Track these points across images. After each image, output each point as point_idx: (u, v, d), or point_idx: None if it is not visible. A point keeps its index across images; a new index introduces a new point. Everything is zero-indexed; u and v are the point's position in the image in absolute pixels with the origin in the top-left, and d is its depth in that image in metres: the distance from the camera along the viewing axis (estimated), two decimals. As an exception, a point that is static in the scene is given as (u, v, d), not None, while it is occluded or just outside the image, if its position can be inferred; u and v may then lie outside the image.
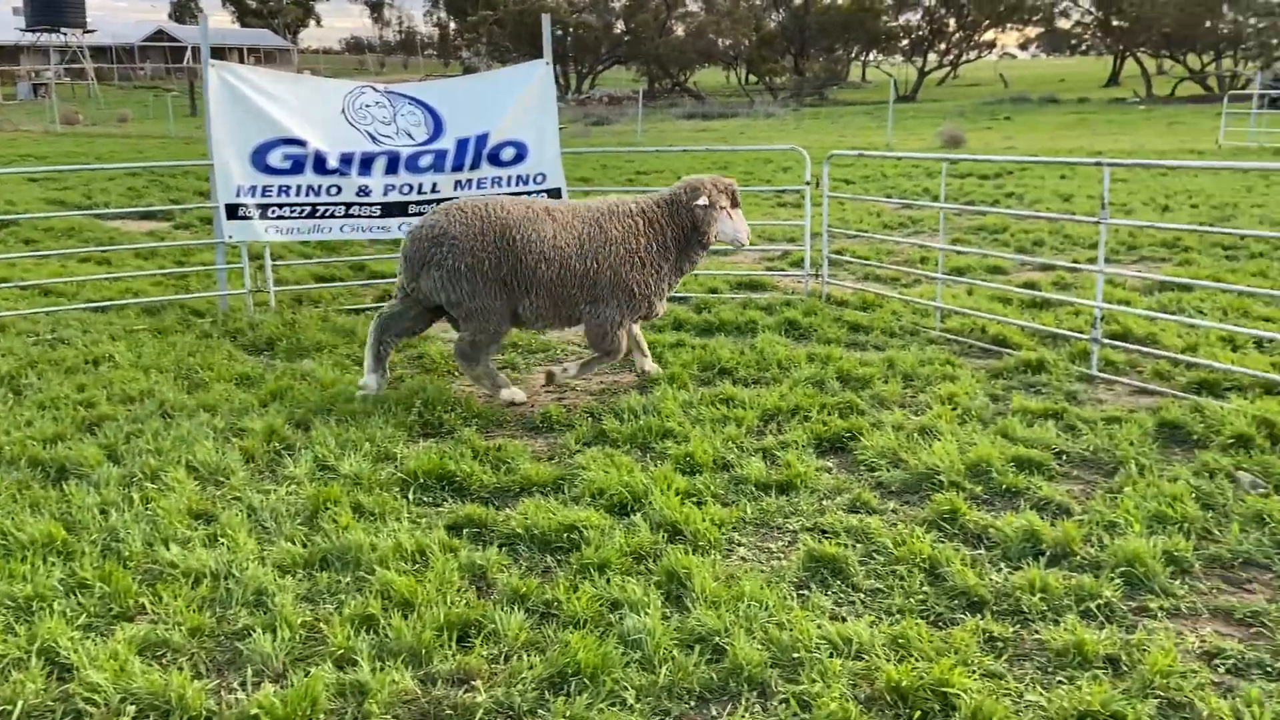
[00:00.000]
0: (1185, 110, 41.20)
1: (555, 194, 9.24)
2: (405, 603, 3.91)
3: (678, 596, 3.97)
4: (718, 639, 3.60)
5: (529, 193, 9.12)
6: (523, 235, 6.37)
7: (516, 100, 8.99)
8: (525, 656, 3.59)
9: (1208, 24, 53.42)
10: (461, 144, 8.82)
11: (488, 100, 9.02)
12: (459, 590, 4.04)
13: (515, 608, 3.87)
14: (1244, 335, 7.22)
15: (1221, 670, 3.48)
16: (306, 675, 3.44)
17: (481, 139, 8.85)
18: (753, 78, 69.56)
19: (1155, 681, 3.33)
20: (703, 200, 6.55)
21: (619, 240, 6.52)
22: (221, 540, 4.47)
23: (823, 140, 30.17)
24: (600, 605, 3.88)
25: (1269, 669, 3.46)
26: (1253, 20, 52.32)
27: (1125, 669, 3.46)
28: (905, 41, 67.00)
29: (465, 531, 4.62)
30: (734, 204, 6.69)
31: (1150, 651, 3.48)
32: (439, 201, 8.87)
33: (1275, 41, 51.47)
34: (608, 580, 4.04)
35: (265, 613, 3.89)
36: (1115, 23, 58.79)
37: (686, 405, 6.26)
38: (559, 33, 60.82)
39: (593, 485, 4.98)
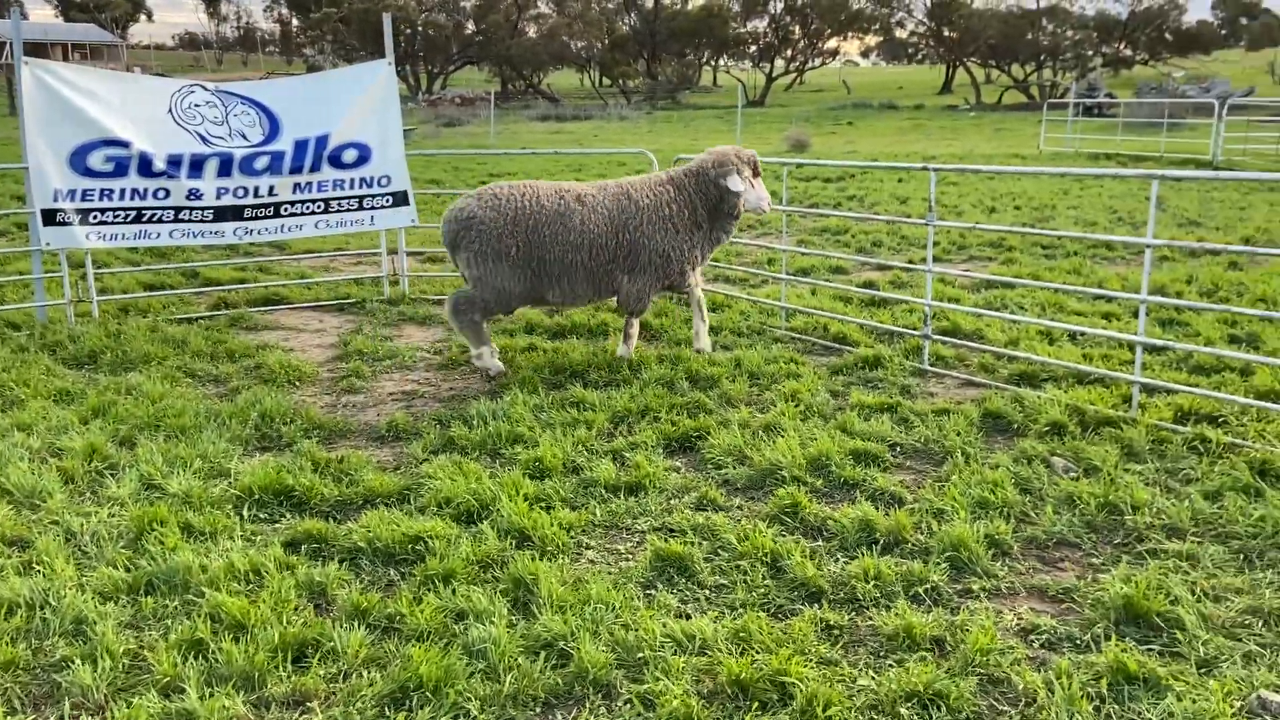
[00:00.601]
0: (1011, 117, 43.80)
1: (400, 198, 9.05)
2: (238, 625, 3.75)
3: (525, 603, 3.95)
4: (564, 644, 3.61)
5: (372, 196, 8.91)
6: (551, 231, 6.71)
7: (358, 101, 8.76)
8: (365, 674, 3.51)
9: (1029, 36, 56.97)
10: (300, 145, 8.53)
11: (327, 101, 8.76)
12: (296, 609, 3.90)
13: (356, 624, 3.77)
14: (1059, 329, 7.72)
15: (1036, 645, 3.72)
16: (129, 706, 3.26)
17: (321, 140, 8.59)
18: (606, 80, 70.00)
19: (976, 659, 3.52)
20: (736, 181, 6.85)
21: (650, 208, 6.84)
22: (37, 567, 4.19)
23: (675, 143, 30.61)
24: (445, 617, 3.82)
25: (1078, 641, 3.71)
26: (1069, 34, 56.11)
27: (949, 649, 3.64)
28: (753, 48, 68.78)
29: (304, 548, 4.46)
30: (755, 173, 7.00)
31: (971, 631, 3.67)
32: (278, 205, 8.56)
33: (1089, 53, 55.34)
34: (453, 591, 3.98)
35: (85, 642, 3.66)
36: (946, 33, 62.07)
37: (537, 409, 6.24)
38: (408, 31, 59.64)
39: (439, 494, 4.90)
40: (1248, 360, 6.61)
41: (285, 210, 8.63)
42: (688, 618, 3.85)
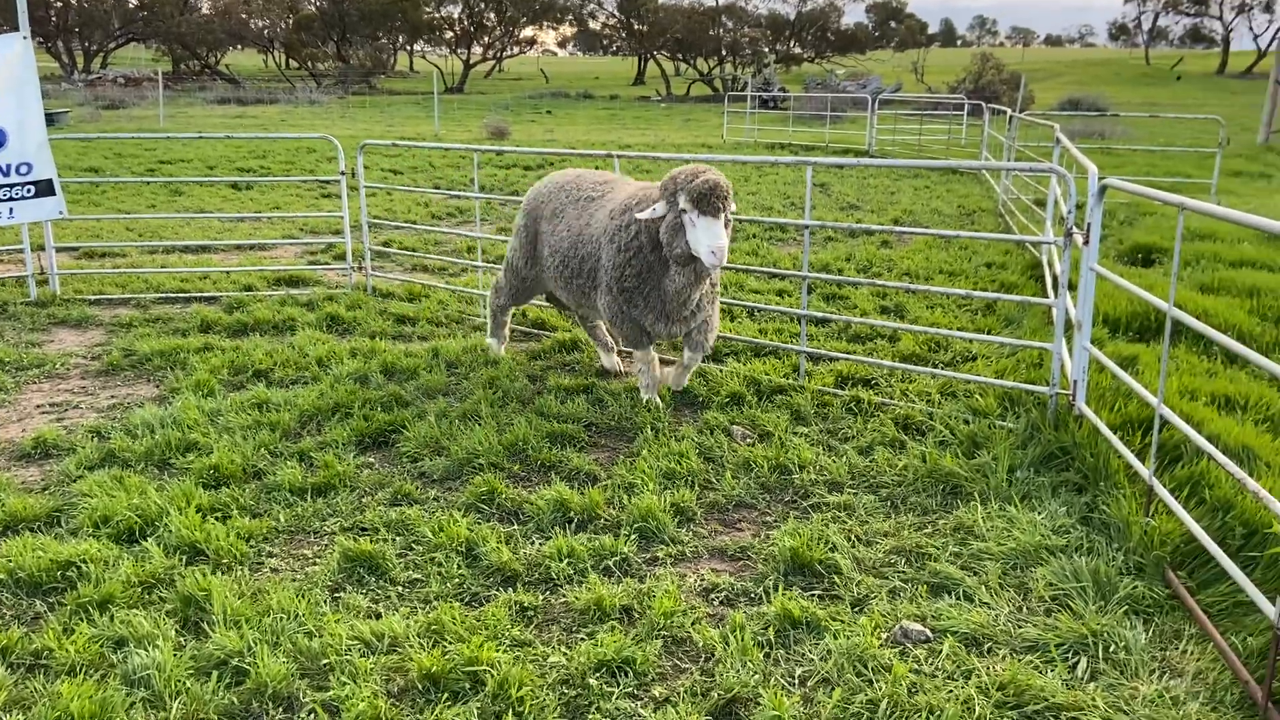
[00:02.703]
0: (698, 108, 46.26)
1: (44, 187, 8.07)
2: None
3: (196, 622, 3.66)
4: (239, 660, 3.38)
5: (9, 186, 7.88)
6: (550, 226, 6.33)
7: (-15, 78, 7.69)
8: (5, 717, 3.10)
9: (711, 32, 60.36)
10: (-89, 128, 7.36)
11: (-52, 77, 7.62)
12: (-87, 660, 3.38)
13: (-8, 667, 3.32)
14: (739, 307, 8.26)
15: (716, 603, 3.95)
16: None
17: (-61, 123, 7.46)
18: (293, 63, 66.26)
19: (661, 623, 3.69)
20: (648, 211, 5.40)
21: (604, 230, 5.91)
22: None
23: (370, 130, 29.59)
24: (101, 646, 3.46)
25: (752, 595, 3.99)
26: (746, 31, 60.05)
27: (637, 616, 3.79)
28: (449, 33, 67.75)
29: (-75, 589, 3.87)
30: (705, 209, 5.12)
31: (657, 596, 3.85)
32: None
33: (765, 50, 59.53)
34: (111, 617, 3.61)
35: None
36: (636, 26, 64.36)
37: (213, 414, 5.80)
38: (59, 4, 53.28)
39: (96, 513, 4.43)
40: (895, 328, 7.40)
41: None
42: (378, 617, 3.74)
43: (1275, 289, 7.99)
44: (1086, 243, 5.13)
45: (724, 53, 63.07)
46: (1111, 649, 3.51)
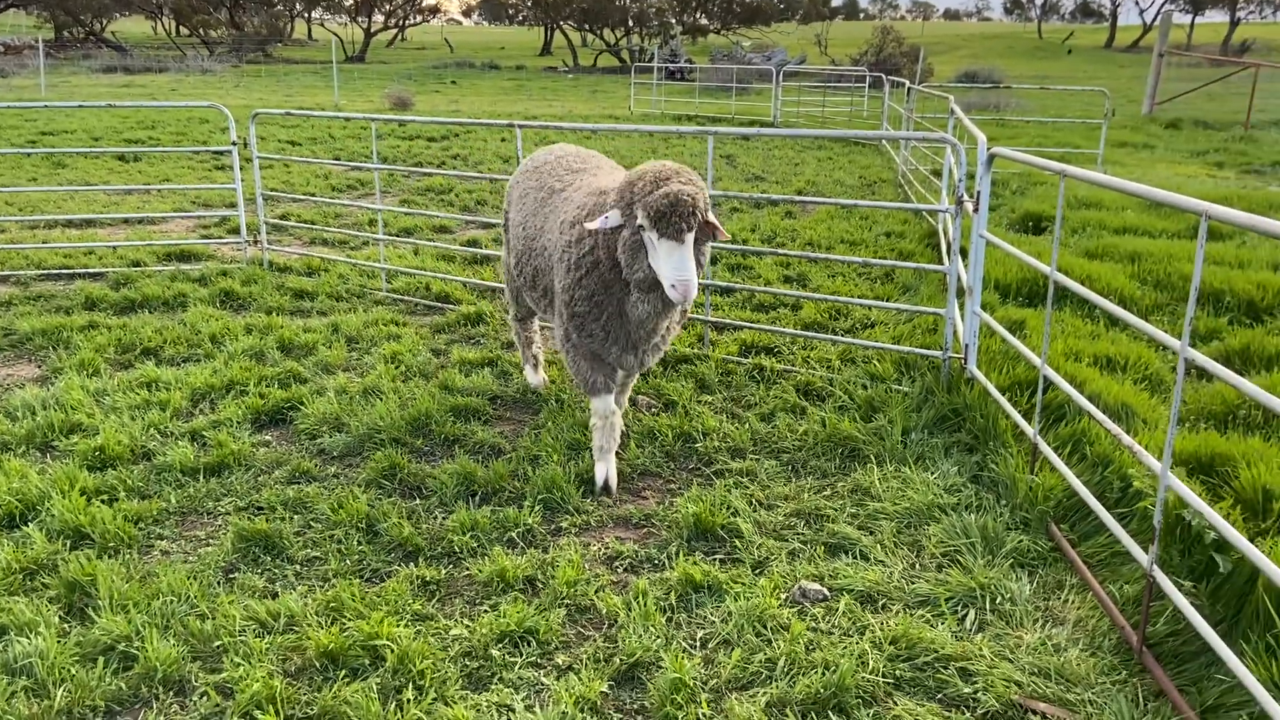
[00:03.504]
0: (606, 80, 45.97)
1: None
2: None
3: (81, 608, 3.53)
4: (126, 645, 3.27)
5: None
6: (517, 215, 5.16)
7: None
8: (-128, 720, 2.95)
9: (618, 2, 59.88)
10: None
11: None
12: None
13: None
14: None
15: (620, 570, 3.98)
16: None
17: None
18: (184, 30, 63.55)
19: (564, 592, 3.70)
20: (598, 221, 4.09)
21: (555, 244, 4.62)
22: None
23: (266, 100, 28.62)
24: (-22, 637, 3.31)
25: (656, 561, 4.03)
26: (652, 1, 59.78)
27: (541, 586, 3.80)
28: (349, 1, 65.80)
29: None
30: (664, 230, 3.85)
31: (560, 566, 3.85)
32: None
33: (671, 21, 59.39)
34: (-12, 607, 3.46)
35: None
36: (543, -4, 63.42)
37: (99, 394, 5.58)
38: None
39: (-31, 500, 4.22)
40: (798, 297, 7.51)
41: None
42: (275, 596, 3.66)
43: (1155, 254, 8.35)
44: (976, 210, 5.28)
45: (630, 23, 62.69)
46: (998, 601, 3.65)
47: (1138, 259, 8.33)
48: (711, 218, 4.00)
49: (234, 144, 8.77)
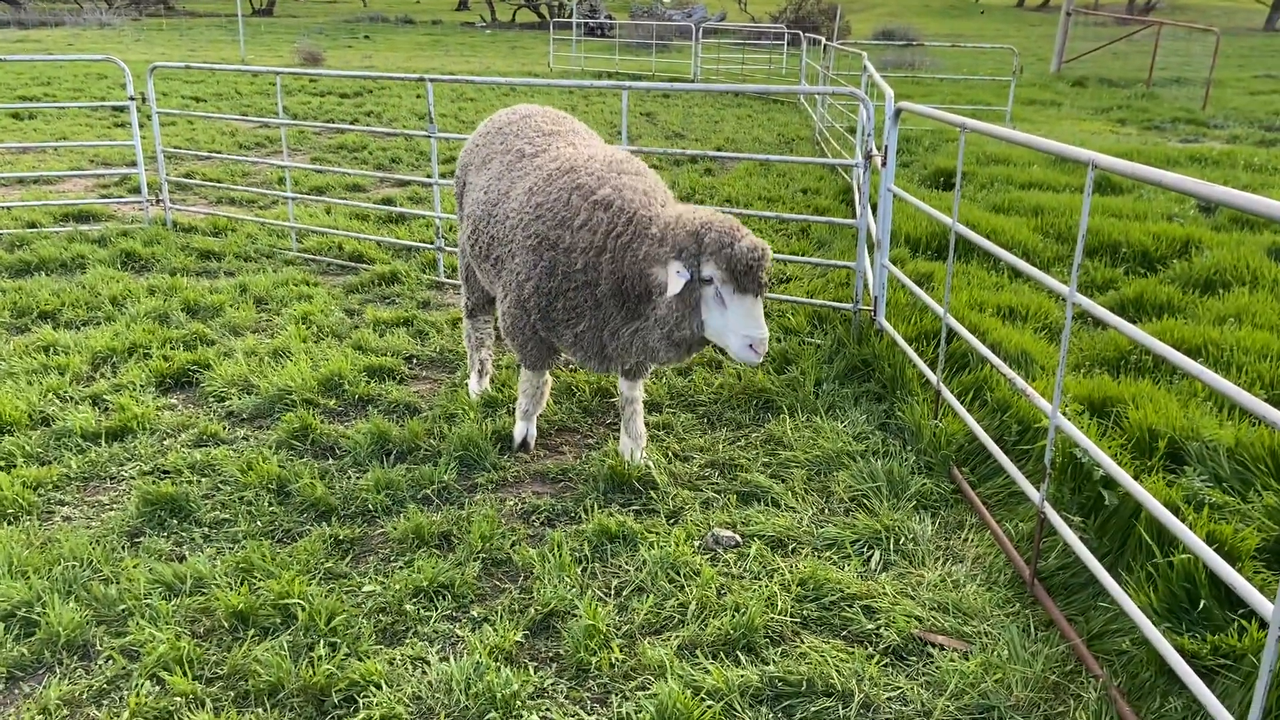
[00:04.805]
0: (525, 35, 45.18)
1: None
2: None
3: (-22, 577, 3.43)
4: (27, 611, 3.20)
5: None
6: (476, 179, 4.65)
7: None
8: None
9: (536, -44, 58.71)
10: None
11: None
12: None
13: None
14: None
15: (537, 523, 4.01)
16: None
17: None
18: (79, -20, 60.40)
19: (479, 546, 3.72)
20: (677, 281, 3.59)
21: (521, 224, 4.15)
22: None
23: (169, 54, 27.49)
24: None
25: (572, 514, 4.07)
26: (571, -44, 58.70)
27: (456, 541, 3.81)
28: (255, -49, 63.18)
29: None
30: (746, 285, 3.52)
31: (476, 521, 3.86)
32: None
33: (591, -23, 58.43)
34: (-124, 579, 3.34)
35: None
36: (458, -51, 61.81)
37: (-8, 360, 5.37)
38: None
39: None
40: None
41: None
42: (182, 560, 3.61)
43: (1057, 208, 8.61)
44: (884, 164, 5.37)
45: (550, -22, 61.61)
46: (902, 541, 3.78)
47: (1041, 212, 8.58)
48: None
49: (131, 99, 8.43)
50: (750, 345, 3.52)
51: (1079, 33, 28.73)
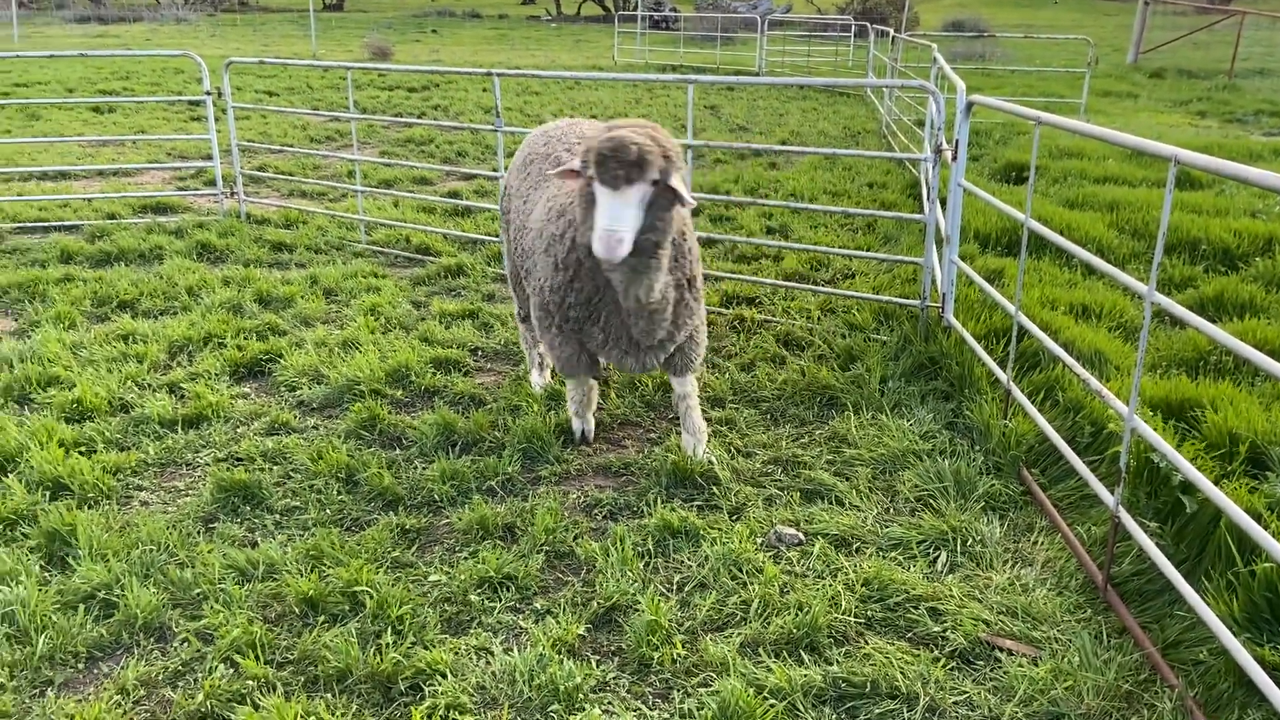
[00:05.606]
0: (590, 29, 45.32)
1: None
2: None
3: (62, 558, 3.56)
4: (107, 593, 3.30)
5: None
6: (521, 182, 4.60)
7: None
8: None
9: (602, -50, 58.77)
10: None
11: None
12: None
13: None
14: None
15: (599, 517, 4.02)
16: None
17: None
18: (158, -23, 62.07)
19: (543, 539, 3.74)
20: (558, 169, 3.80)
21: (540, 232, 4.21)
22: None
23: (243, 49, 28.12)
24: (-41, 587, 3.34)
25: (634, 508, 4.07)
26: (637, -51, 58.68)
27: (520, 533, 3.84)
28: (326, -53, 64.29)
29: None
30: (604, 175, 3.45)
31: (539, 513, 3.89)
32: None
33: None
34: (-31, 557, 3.48)
35: None
36: (525, -57, 62.17)
37: (76, 347, 5.56)
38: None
39: (-51, 452, 4.22)
40: (780, 247, 7.51)
41: None
42: (254, 545, 3.69)
43: (1133, 203, 8.37)
44: (955, 158, 5.27)
45: (614, -29, 61.67)
46: (969, 543, 3.72)
47: (1116, 208, 8.35)
48: (675, 183, 3.55)
49: (208, 94, 8.64)
50: (599, 237, 3.40)
51: (1157, 22, 27.90)
